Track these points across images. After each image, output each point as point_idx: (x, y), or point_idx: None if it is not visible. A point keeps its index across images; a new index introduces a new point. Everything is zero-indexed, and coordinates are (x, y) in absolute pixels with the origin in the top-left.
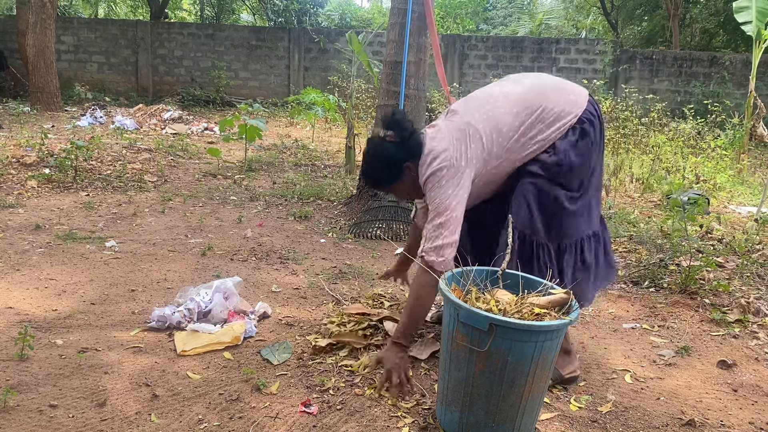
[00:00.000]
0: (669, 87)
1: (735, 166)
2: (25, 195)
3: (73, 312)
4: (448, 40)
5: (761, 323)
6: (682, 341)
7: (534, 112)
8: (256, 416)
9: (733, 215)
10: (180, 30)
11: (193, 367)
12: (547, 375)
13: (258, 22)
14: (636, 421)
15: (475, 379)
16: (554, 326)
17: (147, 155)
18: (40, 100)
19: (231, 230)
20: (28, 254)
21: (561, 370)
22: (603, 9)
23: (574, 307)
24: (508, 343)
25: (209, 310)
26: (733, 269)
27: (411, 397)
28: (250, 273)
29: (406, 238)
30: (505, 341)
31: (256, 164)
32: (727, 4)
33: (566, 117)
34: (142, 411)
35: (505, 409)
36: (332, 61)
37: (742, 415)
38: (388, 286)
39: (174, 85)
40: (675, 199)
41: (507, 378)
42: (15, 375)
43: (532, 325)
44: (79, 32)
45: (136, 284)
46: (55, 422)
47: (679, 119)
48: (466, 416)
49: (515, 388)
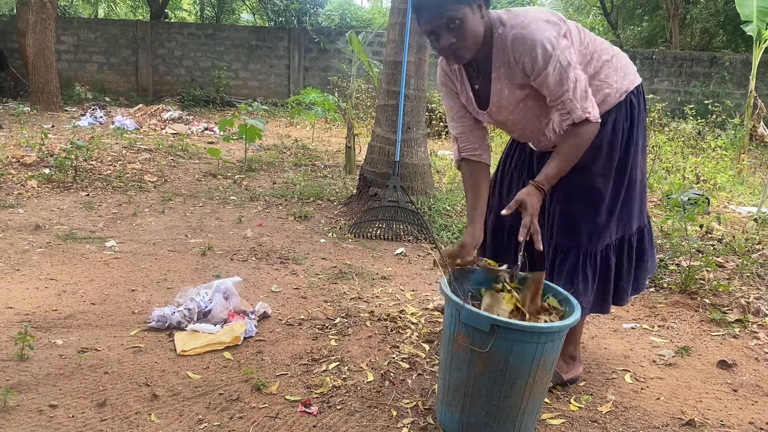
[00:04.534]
0: (669, 87)
1: (735, 166)
2: (25, 195)
3: (73, 312)
4: None
5: (761, 323)
6: (682, 341)
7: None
8: (256, 416)
9: (733, 215)
10: (180, 30)
11: (193, 367)
12: (548, 376)
13: (258, 22)
14: (636, 421)
15: (476, 379)
16: (556, 328)
17: (147, 155)
18: (40, 100)
19: (231, 230)
20: (28, 254)
21: (563, 374)
22: (603, 9)
23: (575, 308)
24: (510, 344)
25: (209, 310)
26: (733, 269)
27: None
28: (250, 273)
29: (406, 238)
30: (507, 342)
31: (256, 164)
32: (727, 4)
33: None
34: (142, 411)
35: (505, 410)
36: (332, 61)
37: (742, 415)
38: (388, 286)
39: (174, 85)
40: (675, 199)
41: (508, 379)
42: (15, 375)
43: (534, 326)
44: (79, 32)
45: (136, 284)
46: (55, 422)
47: (679, 119)
48: (466, 417)
49: (516, 389)
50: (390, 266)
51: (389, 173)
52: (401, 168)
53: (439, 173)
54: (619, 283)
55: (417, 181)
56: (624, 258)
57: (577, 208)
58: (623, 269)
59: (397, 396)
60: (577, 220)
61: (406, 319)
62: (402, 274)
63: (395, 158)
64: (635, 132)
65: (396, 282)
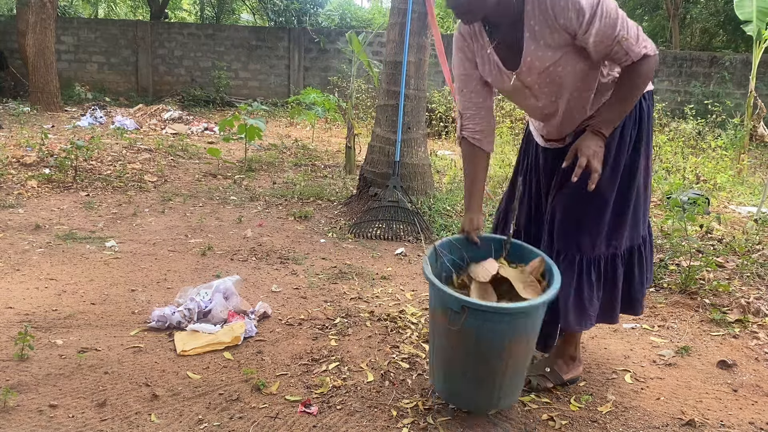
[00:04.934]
0: (669, 87)
1: (735, 166)
2: (25, 195)
3: (73, 312)
4: (448, 40)
5: (761, 323)
6: (682, 341)
7: None
8: (256, 416)
9: (733, 215)
10: (180, 30)
11: (193, 367)
12: (526, 350)
13: (258, 22)
14: (636, 421)
15: (454, 353)
16: (522, 308)
17: (147, 155)
18: (40, 100)
19: (231, 230)
20: (28, 254)
21: (563, 374)
22: None
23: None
24: (480, 323)
25: (209, 310)
26: (733, 269)
27: None
28: (250, 273)
29: (406, 237)
30: (477, 321)
31: (256, 164)
32: (727, 4)
33: None
34: (142, 411)
35: (481, 382)
36: (332, 61)
37: (742, 415)
38: (388, 286)
39: (174, 85)
40: (675, 199)
41: (481, 354)
42: (15, 375)
43: (500, 307)
44: (79, 32)
45: (136, 284)
46: (55, 422)
47: (679, 119)
48: (448, 386)
49: (491, 364)
50: (390, 266)
51: (389, 173)
52: (401, 168)
53: (439, 173)
54: (630, 292)
55: (417, 181)
56: (635, 267)
57: (581, 213)
58: (635, 279)
59: (397, 396)
60: (580, 225)
61: (406, 319)
62: (402, 274)
63: (395, 158)
64: (642, 138)
65: (396, 282)
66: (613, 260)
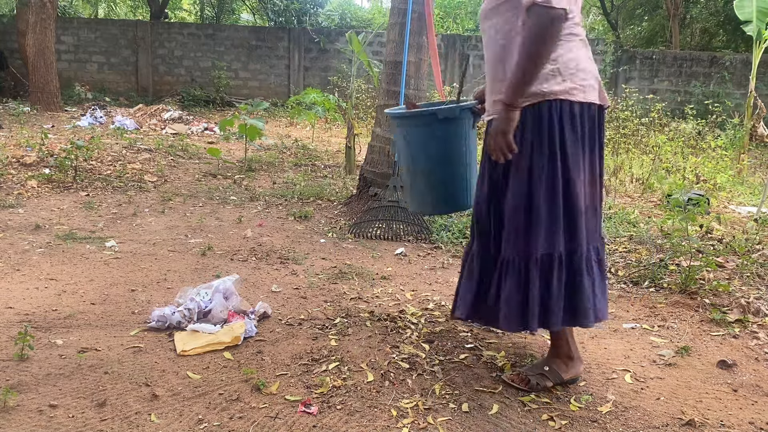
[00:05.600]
0: (669, 87)
1: (735, 166)
2: (25, 195)
3: (73, 312)
4: (448, 39)
5: (761, 323)
6: (682, 341)
7: None
8: (256, 416)
9: (733, 215)
10: (180, 30)
11: (193, 367)
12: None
13: (258, 22)
14: (636, 421)
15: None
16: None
17: (147, 155)
18: (40, 100)
19: (231, 230)
20: (28, 254)
21: (563, 374)
22: (603, 9)
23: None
24: (405, 129)
25: (209, 310)
26: (733, 269)
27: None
28: (250, 273)
29: (406, 237)
30: (403, 129)
31: (256, 164)
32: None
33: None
34: (142, 411)
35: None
36: (332, 61)
37: (742, 415)
38: (388, 286)
39: (174, 85)
40: (675, 199)
41: (413, 158)
42: (15, 375)
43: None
44: (79, 32)
45: (136, 284)
46: (55, 422)
47: (679, 119)
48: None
49: (419, 166)
50: (390, 266)
51: (389, 173)
52: None
53: None
54: (573, 300)
55: None
56: (576, 274)
57: (518, 212)
58: (583, 286)
59: (397, 396)
60: (521, 225)
61: (406, 319)
62: (402, 274)
63: (395, 158)
64: (545, 143)
65: (396, 282)
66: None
